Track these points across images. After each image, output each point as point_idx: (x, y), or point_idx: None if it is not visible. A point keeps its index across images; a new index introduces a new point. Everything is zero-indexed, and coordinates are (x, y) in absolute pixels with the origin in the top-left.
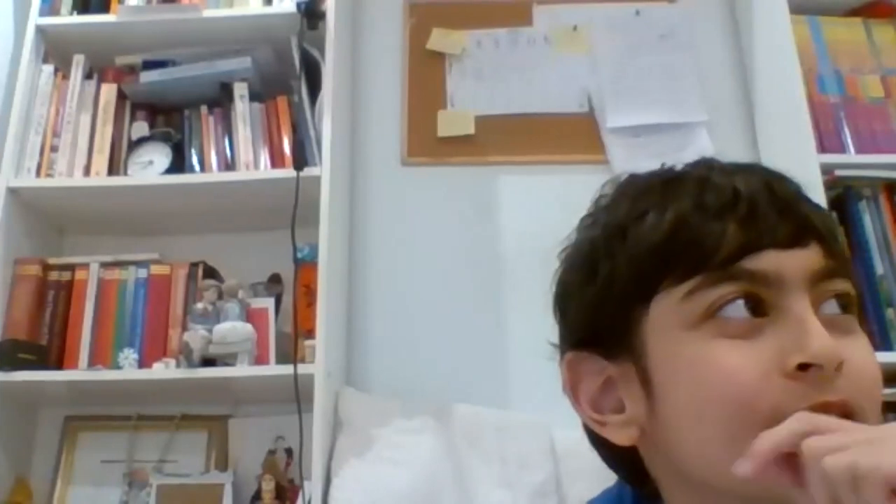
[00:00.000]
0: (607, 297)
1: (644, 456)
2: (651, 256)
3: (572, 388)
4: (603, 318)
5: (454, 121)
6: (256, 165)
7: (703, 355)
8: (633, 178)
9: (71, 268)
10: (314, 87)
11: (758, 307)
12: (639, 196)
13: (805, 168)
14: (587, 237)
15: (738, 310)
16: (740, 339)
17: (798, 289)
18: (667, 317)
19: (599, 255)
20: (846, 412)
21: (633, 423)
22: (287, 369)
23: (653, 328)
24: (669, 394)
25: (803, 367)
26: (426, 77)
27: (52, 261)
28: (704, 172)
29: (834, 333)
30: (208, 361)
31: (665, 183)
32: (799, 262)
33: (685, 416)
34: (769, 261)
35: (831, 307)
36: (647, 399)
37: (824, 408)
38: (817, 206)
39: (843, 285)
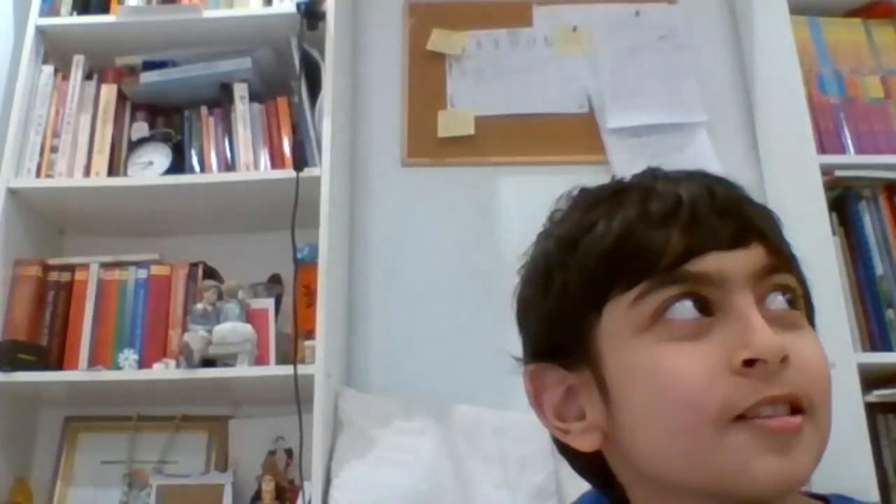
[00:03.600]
0: (562, 308)
1: (609, 460)
2: (600, 265)
3: (536, 399)
4: (559, 329)
5: (454, 121)
6: (256, 166)
7: (653, 359)
8: (584, 192)
9: (71, 268)
10: (314, 88)
11: (704, 307)
12: (588, 208)
13: (805, 168)
14: (542, 251)
15: (685, 310)
16: (687, 341)
17: (741, 287)
18: (617, 323)
19: (553, 268)
20: (794, 404)
21: (594, 429)
22: (287, 370)
23: (605, 336)
24: (624, 398)
25: (749, 362)
26: (426, 77)
27: (52, 261)
28: (650, 182)
29: (779, 329)
30: (208, 362)
31: (613, 194)
32: (741, 261)
33: (640, 418)
34: (712, 262)
35: (777, 303)
36: (605, 405)
37: (772, 401)
38: (760, 207)
39: (786, 279)
